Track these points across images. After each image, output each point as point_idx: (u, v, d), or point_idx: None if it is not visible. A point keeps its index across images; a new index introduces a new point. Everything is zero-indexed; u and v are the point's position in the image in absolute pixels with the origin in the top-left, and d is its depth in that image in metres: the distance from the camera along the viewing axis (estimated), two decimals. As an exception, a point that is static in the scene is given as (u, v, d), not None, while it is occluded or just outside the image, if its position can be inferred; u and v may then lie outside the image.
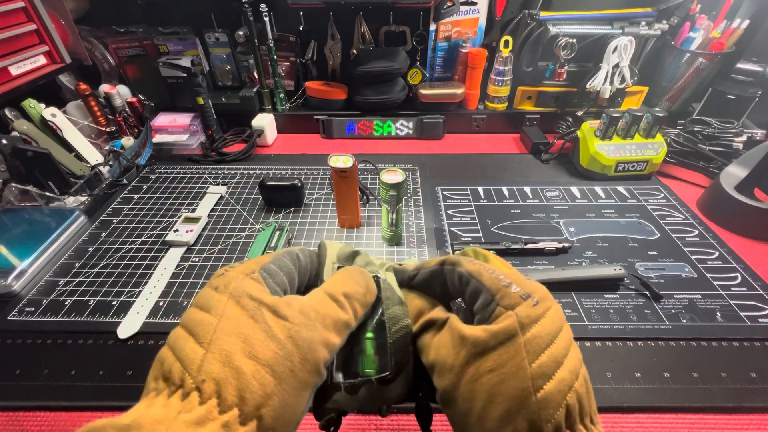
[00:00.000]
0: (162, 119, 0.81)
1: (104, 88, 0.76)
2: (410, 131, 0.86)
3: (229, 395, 0.15)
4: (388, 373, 0.22)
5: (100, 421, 0.14)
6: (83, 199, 0.65)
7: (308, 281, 0.24)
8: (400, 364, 0.22)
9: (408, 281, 0.25)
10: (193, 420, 0.14)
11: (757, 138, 0.70)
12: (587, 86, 0.78)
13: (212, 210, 0.64)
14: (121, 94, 0.78)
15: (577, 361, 0.18)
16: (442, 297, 0.24)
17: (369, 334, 0.23)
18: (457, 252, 0.32)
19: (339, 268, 0.25)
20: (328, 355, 0.18)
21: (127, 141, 0.77)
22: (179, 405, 0.15)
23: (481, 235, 0.58)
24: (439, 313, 0.22)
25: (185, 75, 0.77)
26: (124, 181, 0.71)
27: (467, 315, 0.22)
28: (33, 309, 0.48)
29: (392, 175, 0.50)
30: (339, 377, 0.22)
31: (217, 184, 0.70)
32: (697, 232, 0.59)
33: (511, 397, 0.17)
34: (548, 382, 0.17)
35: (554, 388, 0.17)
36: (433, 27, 0.82)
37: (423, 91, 0.83)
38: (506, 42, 0.79)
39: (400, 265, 0.26)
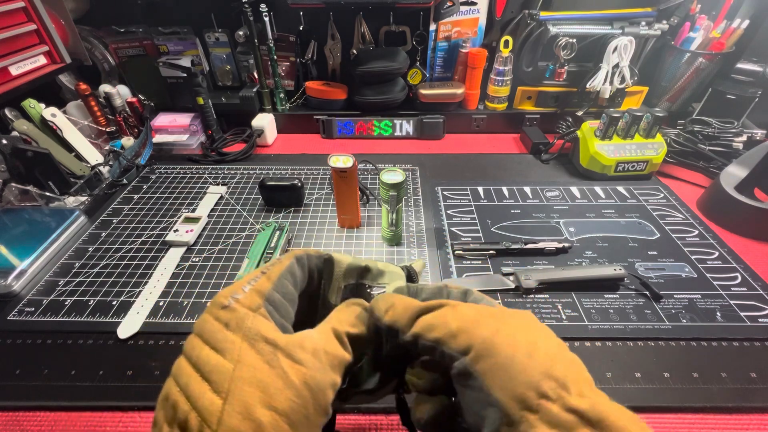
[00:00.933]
0: (162, 119, 0.81)
1: (104, 88, 0.76)
2: (410, 131, 0.86)
3: None
4: (372, 387, 0.23)
5: None
6: (83, 199, 0.65)
7: (309, 288, 0.24)
8: (385, 381, 0.23)
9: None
10: None
11: (757, 138, 0.70)
12: (587, 86, 0.78)
13: (212, 210, 0.64)
14: (121, 94, 0.78)
15: None
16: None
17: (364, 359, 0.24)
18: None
19: (345, 286, 0.26)
20: (333, 395, 0.19)
21: (127, 141, 0.77)
22: None
23: (481, 235, 0.58)
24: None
25: (185, 75, 0.77)
26: (124, 181, 0.71)
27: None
28: (33, 309, 0.48)
29: (392, 175, 0.50)
30: None
31: (217, 184, 0.70)
32: (697, 232, 0.59)
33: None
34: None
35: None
36: (433, 27, 0.82)
37: (423, 91, 0.83)
38: (506, 42, 0.79)
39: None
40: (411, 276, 0.27)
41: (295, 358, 0.18)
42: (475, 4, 0.80)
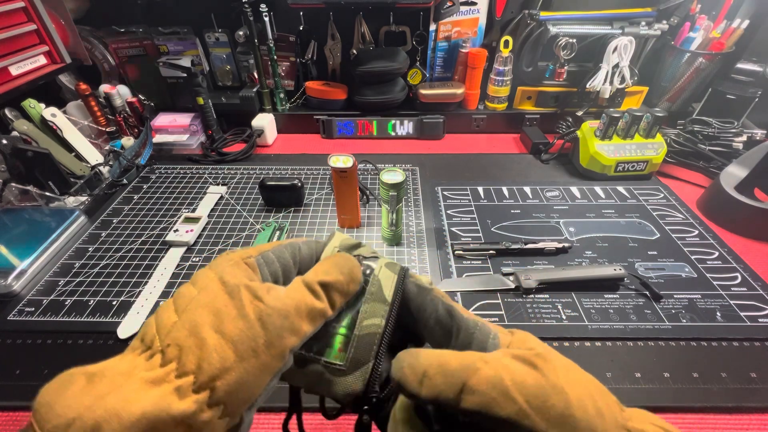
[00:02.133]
0: (162, 119, 0.81)
1: (104, 88, 0.76)
2: (410, 131, 0.86)
3: (189, 362, 0.16)
4: (341, 363, 0.21)
5: (74, 369, 0.16)
6: (83, 199, 0.65)
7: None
8: (357, 362, 0.21)
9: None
10: (149, 378, 0.15)
11: (757, 138, 0.70)
12: (587, 86, 0.78)
13: (212, 210, 0.64)
14: (121, 94, 0.78)
15: None
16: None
17: (342, 329, 0.22)
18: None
19: (339, 251, 0.25)
20: (297, 343, 0.18)
21: (127, 141, 0.77)
22: (144, 363, 0.16)
23: (481, 235, 0.58)
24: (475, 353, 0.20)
25: (185, 75, 0.77)
26: (124, 181, 0.71)
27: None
28: (33, 309, 0.48)
29: (392, 175, 0.50)
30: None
31: (217, 184, 0.70)
32: (697, 232, 0.59)
33: (591, 387, 0.19)
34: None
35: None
36: (433, 27, 0.82)
37: (423, 91, 0.83)
38: (506, 42, 0.79)
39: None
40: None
41: (256, 295, 0.18)
42: (475, 4, 0.80)
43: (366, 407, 0.21)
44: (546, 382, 0.17)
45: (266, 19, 0.75)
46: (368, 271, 0.24)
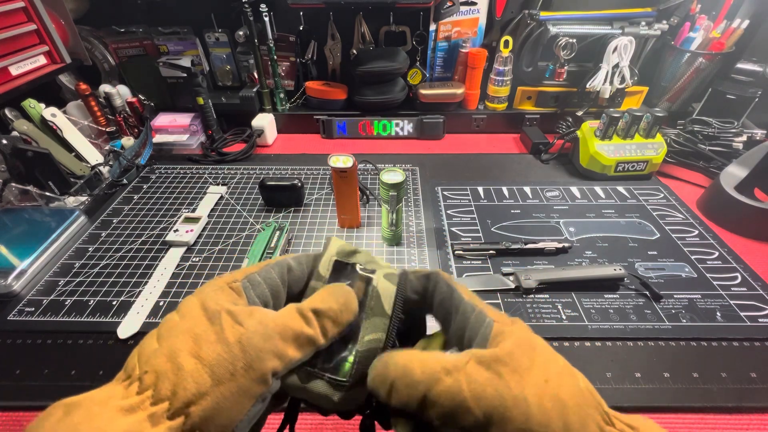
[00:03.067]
0: (162, 119, 0.81)
1: (104, 88, 0.76)
2: (410, 131, 0.86)
3: (164, 389, 0.16)
4: (344, 380, 0.21)
5: (58, 401, 0.16)
6: (83, 199, 0.65)
7: (304, 287, 0.24)
8: (360, 376, 0.21)
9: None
10: (124, 406, 0.15)
11: (757, 138, 0.70)
12: (587, 86, 0.78)
13: (212, 210, 0.64)
14: (121, 94, 0.78)
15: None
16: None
17: (353, 354, 0.22)
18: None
19: (336, 262, 0.25)
20: (280, 367, 0.18)
21: (127, 141, 0.77)
22: (121, 392, 0.16)
23: (481, 235, 0.58)
24: (447, 356, 0.20)
25: (185, 75, 0.77)
26: (124, 181, 0.71)
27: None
28: (33, 309, 0.48)
29: (392, 175, 0.50)
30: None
31: (217, 184, 0.70)
32: (697, 232, 0.59)
33: (576, 395, 0.17)
34: (580, 375, 0.19)
35: (586, 383, 0.18)
36: (433, 27, 0.82)
37: (423, 91, 0.83)
38: (506, 42, 0.79)
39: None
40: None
41: (237, 320, 0.18)
42: (475, 4, 0.80)
43: (368, 411, 0.21)
44: (507, 392, 0.16)
45: (266, 19, 0.75)
46: (367, 285, 0.24)
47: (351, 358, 0.22)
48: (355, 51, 0.84)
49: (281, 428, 0.25)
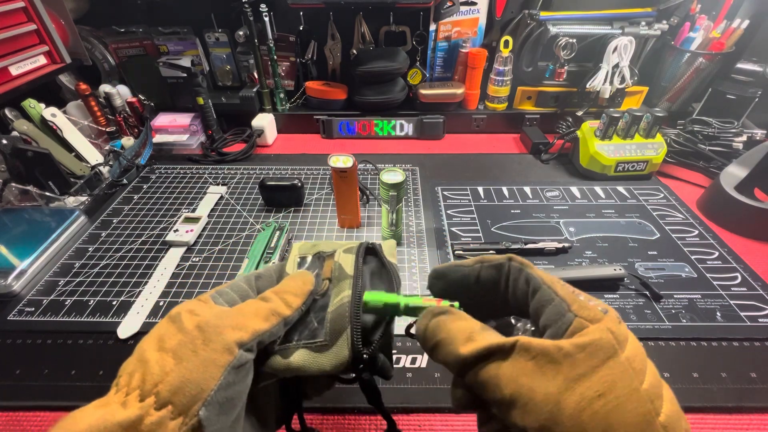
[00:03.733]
0: (162, 119, 0.81)
1: (104, 88, 0.76)
2: (410, 131, 0.86)
3: (134, 381, 0.18)
4: (321, 339, 0.23)
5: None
6: (83, 199, 0.65)
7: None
8: (336, 332, 0.23)
9: (474, 279, 0.23)
10: (100, 403, 0.17)
11: (757, 138, 0.70)
12: (587, 86, 0.78)
13: (212, 210, 0.64)
14: (121, 94, 0.78)
15: (672, 395, 0.17)
16: (497, 305, 0.23)
17: (326, 319, 0.25)
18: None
19: (301, 259, 0.29)
20: (245, 337, 0.20)
21: (127, 141, 0.77)
22: (100, 399, 0.18)
23: (481, 235, 0.58)
24: (498, 336, 0.19)
25: (185, 75, 0.77)
26: (124, 181, 0.71)
27: (534, 335, 0.20)
28: (33, 309, 0.48)
29: (392, 175, 0.50)
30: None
31: (217, 184, 0.70)
32: (697, 232, 0.59)
33: (632, 424, 0.15)
34: (663, 403, 0.16)
35: (671, 410, 0.16)
36: (433, 27, 0.82)
37: (423, 91, 0.83)
38: (506, 42, 0.79)
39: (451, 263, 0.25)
40: (375, 250, 0.28)
41: (195, 312, 0.21)
42: (475, 4, 0.80)
43: (361, 366, 0.23)
44: (541, 387, 0.16)
45: (266, 19, 0.75)
46: (329, 260, 0.28)
47: (326, 323, 0.24)
48: (355, 51, 0.84)
49: (289, 417, 0.27)
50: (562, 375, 0.16)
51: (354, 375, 0.24)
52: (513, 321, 0.24)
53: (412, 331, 0.25)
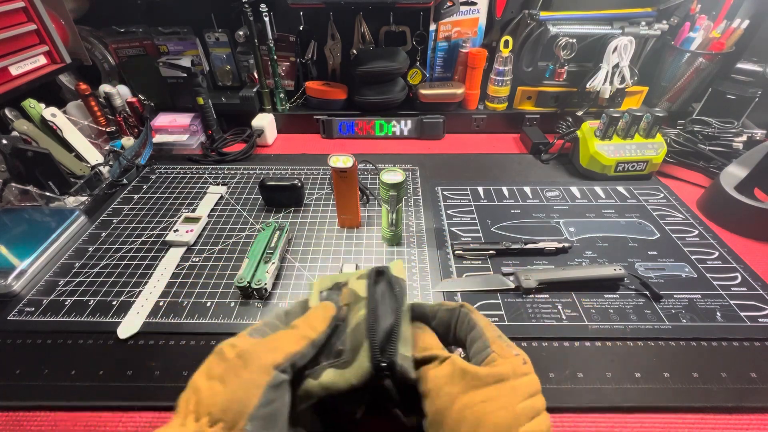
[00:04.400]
0: (162, 119, 0.81)
1: (104, 88, 0.76)
2: (410, 131, 0.86)
3: (191, 406, 0.21)
4: (344, 357, 0.26)
5: None
6: (83, 199, 0.65)
7: None
8: (355, 348, 0.26)
9: (431, 318, 0.30)
10: (164, 429, 0.21)
11: (757, 138, 0.70)
12: (587, 86, 0.78)
13: (212, 210, 0.64)
14: (121, 94, 0.78)
15: (546, 425, 0.22)
16: (449, 337, 0.30)
17: (346, 338, 0.28)
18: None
19: (321, 293, 0.32)
20: (280, 358, 0.23)
21: (127, 141, 0.77)
22: (166, 426, 0.21)
23: (481, 235, 0.58)
24: (443, 351, 0.27)
25: (185, 75, 0.77)
26: (124, 181, 0.71)
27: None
28: (33, 309, 0.48)
29: (392, 175, 0.50)
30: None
31: (217, 184, 0.70)
32: (697, 232, 0.59)
33: (498, 425, 0.21)
34: (528, 422, 0.22)
35: (531, 429, 0.21)
36: (433, 27, 0.82)
37: (423, 91, 0.83)
38: (506, 42, 0.79)
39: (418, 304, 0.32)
40: (383, 272, 0.31)
41: (234, 344, 0.24)
42: (475, 4, 0.80)
43: (384, 373, 0.25)
44: (449, 389, 0.24)
45: (266, 19, 0.75)
46: (345, 289, 0.31)
47: (347, 341, 0.27)
48: (355, 51, 0.84)
49: None
50: (465, 383, 0.23)
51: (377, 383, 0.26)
52: (453, 348, 0.31)
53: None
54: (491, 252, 0.54)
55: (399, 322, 0.27)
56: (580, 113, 0.81)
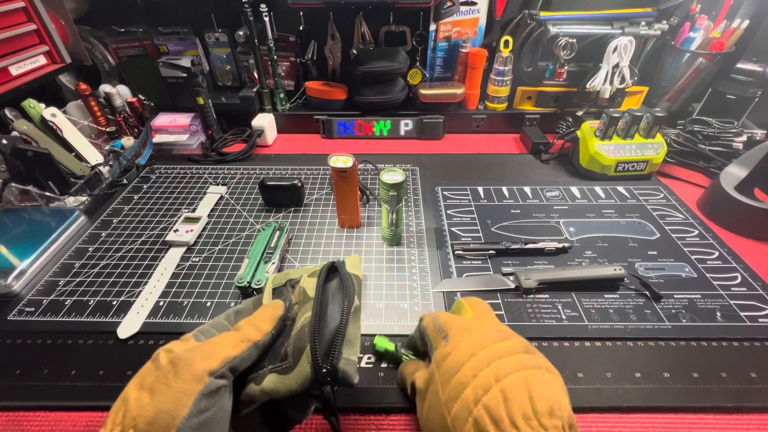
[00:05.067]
0: (162, 119, 0.81)
1: (104, 88, 0.76)
2: (410, 131, 0.86)
3: (118, 418, 0.21)
4: (285, 362, 0.25)
5: None
6: (83, 199, 0.65)
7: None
8: (298, 352, 0.25)
9: (418, 338, 0.32)
10: None
11: (757, 138, 0.70)
12: (587, 86, 0.78)
13: (212, 210, 0.64)
14: (121, 94, 0.78)
15: (490, 377, 0.22)
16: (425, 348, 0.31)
17: (289, 341, 0.27)
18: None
19: (275, 289, 0.31)
20: (215, 365, 0.23)
21: (127, 141, 0.77)
22: None
23: (481, 235, 0.58)
24: (425, 372, 0.28)
25: (185, 75, 0.77)
26: (124, 181, 0.71)
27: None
28: (33, 309, 0.48)
29: (392, 175, 0.50)
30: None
31: (217, 184, 0.70)
32: (697, 232, 0.59)
33: (438, 426, 0.22)
34: (455, 403, 0.22)
35: (459, 407, 0.22)
36: (433, 27, 0.82)
37: (423, 91, 0.83)
38: (506, 42, 0.79)
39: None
40: (337, 268, 0.31)
41: (170, 349, 0.23)
42: (475, 4, 0.80)
43: (322, 379, 0.25)
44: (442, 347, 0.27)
45: (266, 19, 0.75)
46: (292, 284, 0.31)
47: (290, 345, 0.26)
48: (355, 51, 0.84)
49: None
50: (420, 399, 0.27)
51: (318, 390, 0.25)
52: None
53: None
54: (491, 252, 0.54)
55: (345, 325, 0.26)
56: (580, 113, 0.81)
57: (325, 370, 0.24)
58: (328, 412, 0.26)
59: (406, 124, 0.85)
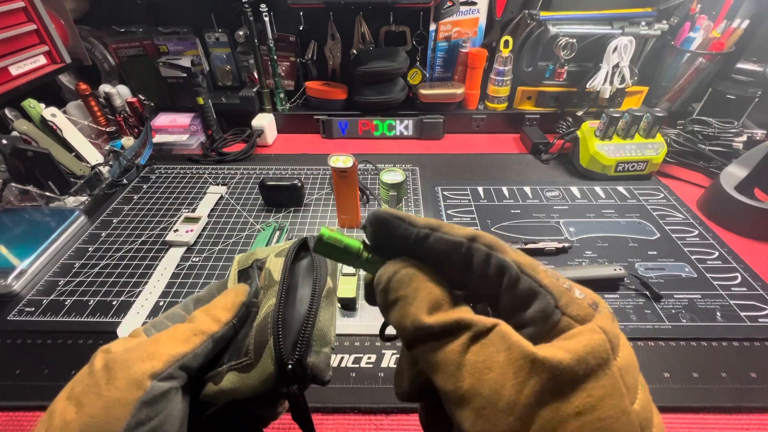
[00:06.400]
0: (162, 119, 0.81)
1: (104, 88, 0.76)
2: (410, 131, 0.86)
3: None
4: (246, 358, 0.21)
5: None
6: (83, 199, 0.65)
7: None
8: (260, 347, 0.21)
9: (414, 243, 0.17)
10: None
11: (757, 138, 0.70)
12: (587, 86, 0.78)
13: (212, 210, 0.64)
14: (121, 94, 0.78)
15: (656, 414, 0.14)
16: (453, 285, 0.17)
17: (251, 333, 0.22)
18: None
19: (239, 272, 0.26)
20: (159, 366, 0.19)
21: (127, 141, 0.77)
22: None
23: (481, 235, 0.58)
24: (471, 313, 0.15)
25: (185, 75, 0.77)
26: (124, 181, 0.71)
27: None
28: (33, 309, 0.48)
29: (392, 175, 0.50)
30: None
31: (217, 184, 0.70)
32: (697, 232, 0.59)
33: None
34: (654, 429, 0.13)
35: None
36: (433, 27, 0.82)
37: (423, 91, 0.83)
38: (506, 42, 0.79)
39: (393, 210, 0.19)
40: (308, 244, 0.25)
41: (109, 350, 0.19)
42: (475, 4, 0.80)
43: (287, 377, 0.21)
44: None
45: (266, 19, 0.75)
46: (256, 266, 0.26)
47: (251, 338, 0.22)
48: (355, 51, 0.84)
49: None
50: (539, 383, 0.13)
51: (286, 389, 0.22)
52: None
53: (387, 328, 0.21)
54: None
55: (315, 312, 0.22)
56: (580, 113, 0.81)
57: (290, 367, 0.21)
58: (297, 414, 0.22)
59: (406, 125, 0.85)
